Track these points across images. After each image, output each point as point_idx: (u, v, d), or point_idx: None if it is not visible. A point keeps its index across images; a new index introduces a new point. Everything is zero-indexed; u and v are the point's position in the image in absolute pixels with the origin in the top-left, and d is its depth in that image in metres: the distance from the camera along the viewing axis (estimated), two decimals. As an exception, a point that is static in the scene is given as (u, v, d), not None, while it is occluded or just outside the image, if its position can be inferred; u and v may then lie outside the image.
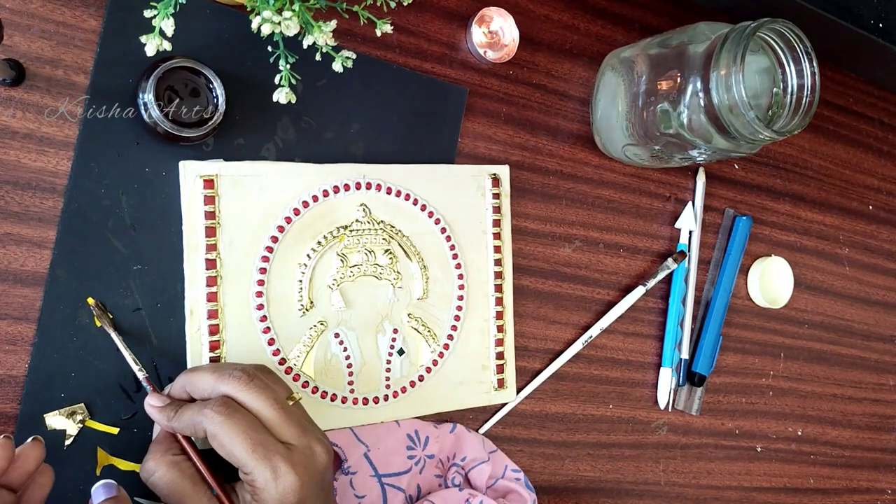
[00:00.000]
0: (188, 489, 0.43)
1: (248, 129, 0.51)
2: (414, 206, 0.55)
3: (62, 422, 0.46)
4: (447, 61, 0.59)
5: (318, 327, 0.52)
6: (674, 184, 0.69)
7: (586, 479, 0.65)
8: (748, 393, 0.73)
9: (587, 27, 0.65)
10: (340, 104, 0.54)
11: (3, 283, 0.45)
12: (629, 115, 0.58)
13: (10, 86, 0.45)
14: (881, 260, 0.83)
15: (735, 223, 0.72)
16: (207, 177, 0.49)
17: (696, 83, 0.52)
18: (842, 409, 0.80)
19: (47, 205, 0.46)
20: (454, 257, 0.57)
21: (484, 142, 0.60)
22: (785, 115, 0.53)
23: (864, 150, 0.82)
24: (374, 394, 0.54)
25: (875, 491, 0.82)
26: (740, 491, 0.73)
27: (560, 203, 0.63)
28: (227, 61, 0.50)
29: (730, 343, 0.72)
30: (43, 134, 0.46)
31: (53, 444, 0.46)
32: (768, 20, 0.50)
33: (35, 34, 0.46)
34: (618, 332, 0.66)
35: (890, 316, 0.83)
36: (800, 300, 0.77)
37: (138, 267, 0.48)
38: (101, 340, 0.47)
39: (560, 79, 0.64)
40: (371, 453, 0.53)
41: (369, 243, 0.54)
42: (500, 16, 0.60)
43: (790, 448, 0.76)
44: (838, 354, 0.80)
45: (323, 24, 0.44)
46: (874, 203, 0.82)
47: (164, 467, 0.43)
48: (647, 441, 0.68)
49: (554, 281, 0.63)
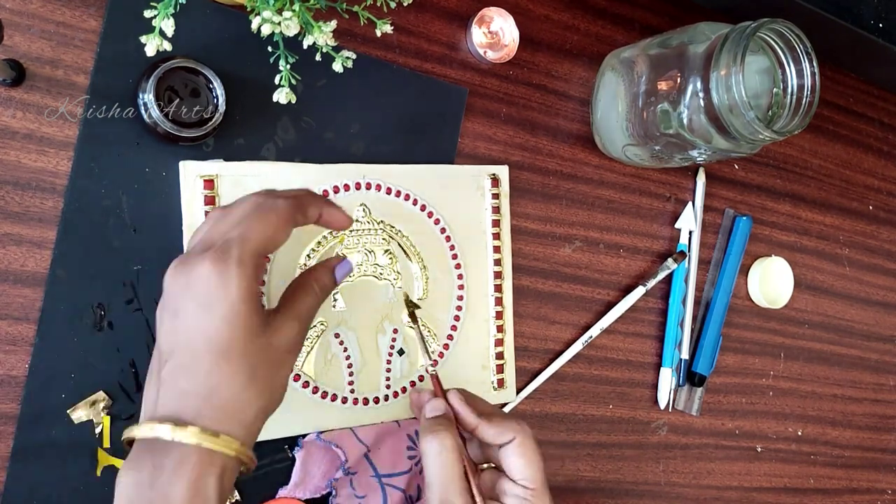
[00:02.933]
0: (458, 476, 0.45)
1: (248, 129, 0.51)
2: (414, 206, 0.55)
3: (86, 413, 0.46)
4: (447, 61, 0.59)
5: (318, 327, 0.52)
6: (674, 184, 0.69)
7: (586, 479, 0.65)
8: (748, 393, 0.73)
9: (587, 27, 0.65)
10: (340, 104, 0.54)
11: (3, 283, 0.45)
12: (629, 115, 0.58)
13: (10, 86, 0.45)
14: (881, 260, 0.83)
15: (735, 223, 0.72)
16: (207, 177, 0.49)
17: (696, 83, 0.52)
18: (842, 409, 0.80)
19: (47, 205, 0.46)
20: (454, 257, 0.57)
21: (484, 142, 0.60)
22: (785, 115, 0.53)
23: (864, 150, 0.82)
24: (374, 394, 0.54)
25: (875, 491, 0.82)
26: (740, 491, 0.73)
27: (560, 203, 0.63)
28: (227, 61, 0.50)
29: (730, 343, 0.72)
30: (43, 134, 0.46)
31: (61, 442, 0.46)
32: (768, 20, 0.50)
33: (35, 34, 0.46)
34: (618, 333, 0.66)
35: (890, 316, 0.83)
36: (800, 300, 0.77)
37: (138, 267, 0.48)
38: (101, 340, 0.47)
39: (560, 79, 0.64)
40: (371, 453, 0.53)
41: (369, 243, 0.54)
42: (501, 16, 0.60)
43: (790, 448, 0.76)
44: (838, 354, 0.80)
45: (323, 24, 0.44)
46: (874, 203, 0.82)
47: (449, 451, 0.45)
48: (647, 441, 0.68)
49: (554, 281, 0.63)
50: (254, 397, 0.38)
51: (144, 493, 0.35)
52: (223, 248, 0.38)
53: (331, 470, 0.52)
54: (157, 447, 0.36)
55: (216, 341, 0.37)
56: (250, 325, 0.38)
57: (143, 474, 0.35)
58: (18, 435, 0.45)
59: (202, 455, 0.35)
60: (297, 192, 0.43)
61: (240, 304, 0.37)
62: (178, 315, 0.37)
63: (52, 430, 0.46)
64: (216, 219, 0.40)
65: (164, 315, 0.38)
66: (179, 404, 0.36)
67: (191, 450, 0.35)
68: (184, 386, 0.37)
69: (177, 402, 0.36)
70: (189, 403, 0.36)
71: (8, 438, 0.45)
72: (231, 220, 0.40)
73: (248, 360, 0.37)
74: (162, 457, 0.35)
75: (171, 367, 0.37)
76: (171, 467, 0.35)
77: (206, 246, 0.39)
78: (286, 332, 0.40)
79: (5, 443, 0.45)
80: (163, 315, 0.38)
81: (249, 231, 0.38)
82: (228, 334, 0.37)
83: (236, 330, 0.37)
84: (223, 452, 0.36)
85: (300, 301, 0.42)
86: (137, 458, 0.36)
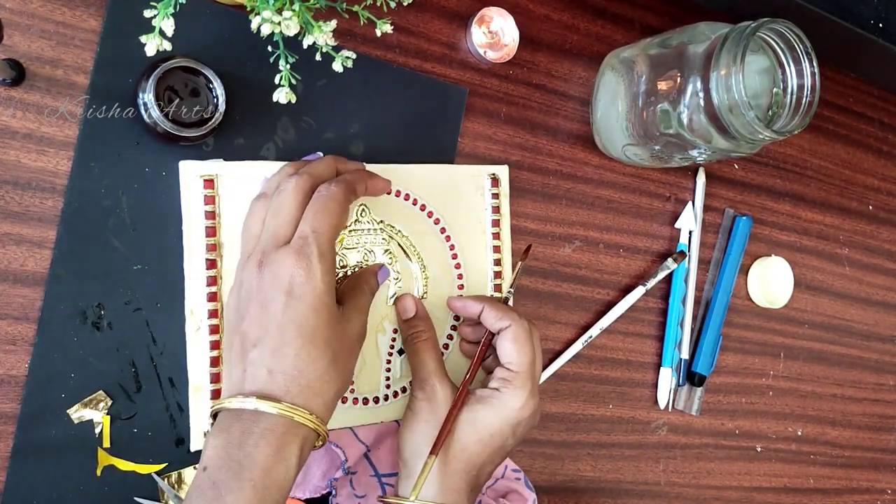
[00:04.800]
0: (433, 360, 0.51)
1: (248, 129, 0.51)
2: (414, 206, 0.55)
3: (87, 413, 0.46)
4: (447, 61, 0.59)
5: (318, 327, 0.52)
6: (674, 184, 0.69)
7: (586, 479, 0.65)
8: (748, 393, 0.73)
9: (587, 27, 0.65)
10: (340, 104, 0.54)
11: (3, 283, 0.45)
12: (629, 115, 0.58)
13: (10, 86, 0.45)
14: (881, 260, 0.83)
15: (735, 223, 0.72)
16: (207, 177, 0.49)
17: (696, 83, 0.52)
18: (842, 409, 0.80)
19: (47, 205, 0.46)
20: (454, 257, 0.57)
21: (484, 142, 0.60)
22: (785, 115, 0.53)
23: (864, 150, 0.82)
24: (374, 394, 0.54)
25: (875, 491, 0.82)
26: (740, 491, 0.73)
27: (560, 203, 0.63)
28: (227, 61, 0.50)
29: (730, 343, 0.72)
30: (43, 134, 0.46)
31: (61, 442, 0.46)
32: (768, 20, 0.50)
33: (35, 34, 0.46)
34: (618, 332, 0.66)
35: (890, 316, 0.83)
36: (800, 300, 0.77)
37: (138, 267, 0.48)
38: (101, 340, 0.47)
39: (560, 79, 0.64)
40: (371, 453, 0.53)
41: (369, 243, 0.54)
42: (501, 16, 0.60)
43: (790, 448, 0.76)
44: (838, 354, 0.80)
45: (323, 24, 0.44)
46: (874, 203, 0.82)
47: (423, 340, 0.52)
48: (647, 441, 0.68)
49: (554, 281, 0.63)
50: (334, 378, 0.43)
51: (233, 454, 0.39)
52: (302, 244, 0.42)
53: (331, 470, 0.52)
54: (244, 416, 0.40)
55: (305, 328, 0.41)
56: (331, 313, 0.43)
57: (232, 436, 0.39)
58: (18, 435, 0.45)
59: (287, 426, 0.40)
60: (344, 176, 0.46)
61: (324, 294, 0.42)
62: (267, 306, 0.42)
63: (52, 430, 0.46)
64: (273, 212, 0.44)
65: (251, 305, 0.42)
66: (268, 381, 0.41)
67: (277, 420, 0.40)
68: (273, 366, 0.41)
69: (266, 380, 0.41)
70: (277, 381, 0.41)
71: (8, 438, 0.45)
72: (289, 212, 0.43)
73: (330, 345, 0.42)
74: (251, 424, 0.39)
75: (260, 350, 0.41)
76: (258, 433, 0.39)
77: (278, 241, 0.43)
78: (355, 322, 0.45)
79: (5, 443, 0.45)
80: (249, 305, 0.42)
81: (320, 224, 0.43)
82: (314, 321, 0.41)
83: (321, 318, 0.42)
84: (305, 424, 0.40)
85: (360, 297, 0.48)
86: (227, 425, 0.40)
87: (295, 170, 0.46)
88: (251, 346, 0.42)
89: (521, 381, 0.49)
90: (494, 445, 0.49)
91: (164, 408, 0.49)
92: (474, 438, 0.48)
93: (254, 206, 0.46)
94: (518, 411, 0.49)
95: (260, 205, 0.46)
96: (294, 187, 0.44)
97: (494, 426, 0.49)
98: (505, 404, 0.49)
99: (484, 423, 0.49)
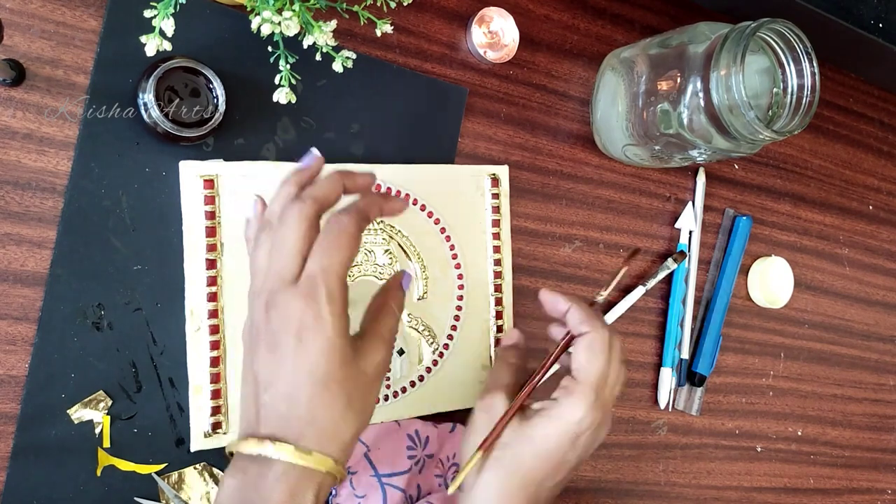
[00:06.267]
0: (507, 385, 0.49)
1: (248, 129, 0.51)
2: (414, 205, 0.55)
3: (87, 413, 0.46)
4: (447, 61, 0.59)
5: (318, 327, 0.52)
6: (674, 184, 0.69)
7: (586, 479, 0.65)
8: (748, 393, 0.73)
9: (587, 27, 0.65)
10: (340, 104, 0.54)
11: (3, 283, 0.45)
12: (629, 115, 0.58)
13: (10, 86, 0.45)
14: (881, 260, 0.83)
15: (735, 223, 0.72)
16: (207, 177, 0.49)
17: (696, 83, 0.52)
18: (842, 409, 0.80)
19: (47, 205, 0.46)
20: (454, 257, 0.57)
21: (484, 142, 0.60)
22: (785, 115, 0.53)
23: (864, 150, 0.82)
24: (374, 394, 0.54)
25: (875, 491, 0.82)
26: (740, 491, 0.73)
27: (560, 203, 0.63)
28: (227, 61, 0.50)
29: (730, 343, 0.72)
30: (43, 134, 0.46)
31: (61, 442, 0.46)
32: (768, 20, 0.50)
33: (35, 34, 0.46)
34: (618, 332, 0.66)
35: (890, 316, 0.83)
36: (800, 300, 0.77)
37: (138, 267, 0.48)
38: (101, 340, 0.47)
39: (560, 79, 0.64)
40: (371, 453, 0.53)
41: (369, 243, 0.54)
42: (501, 16, 0.60)
43: (790, 448, 0.76)
44: (838, 354, 0.80)
45: (323, 24, 0.44)
46: (874, 203, 0.82)
47: (503, 361, 0.51)
48: (647, 441, 0.68)
49: (554, 281, 0.63)
50: (350, 420, 0.40)
51: (248, 496, 0.38)
52: (310, 284, 0.39)
53: (331, 470, 0.52)
54: (260, 460, 0.39)
55: (316, 373, 0.39)
56: (344, 355, 0.40)
57: (248, 478, 0.38)
58: (18, 435, 0.45)
59: (302, 471, 0.38)
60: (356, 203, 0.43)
61: (335, 338, 0.39)
62: (276, 349, 0.40)
63: (52, 430, 0.46)
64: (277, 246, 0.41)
65: (260, 346, 0.40)
66: (282, 426, 0.39)
67: (292, 466, 0.38)
68: (285, 411, 0.39)
69: (279, 424, 0.39)
70: (291, 426, 0.39)
71: (8, 438, 0.45)
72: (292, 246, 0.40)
73: (344, 388, 0.40)
74: (266, 468, 0.38)
75: (272, 395, 0.39)
76: (273, 477, 0.38)
77: (284, 280, 0.40)
78: (374, 356, 0.42)
79: (5, 443, 0.45)
80: (258, 345, 0.40)
81: (330, 262, 0.40)
82: (326, 366, 0.39)
83: (333, 362, 0.39)
84: (321, 470, 0.39)
85: (383, 324, 0.44)
86: (243, 466, 0.39)
87: (296, 187, 0.42)
88: (263, 389, 0.40)
89: (583, 391, 0.46)
90: (553, 461, 0.46)
91: (164, 408, 0.49)
92: (531, 453, 0.45)
93: (259, 238, 0.42)
94: (576, 424, 0.45)
95: (264, 237, 0.42)
96: (297, 217, 0.40)
97: (552, 440, 0.45)
98: (561, 415, 0.45)
99: (541, 437, 0.45)
